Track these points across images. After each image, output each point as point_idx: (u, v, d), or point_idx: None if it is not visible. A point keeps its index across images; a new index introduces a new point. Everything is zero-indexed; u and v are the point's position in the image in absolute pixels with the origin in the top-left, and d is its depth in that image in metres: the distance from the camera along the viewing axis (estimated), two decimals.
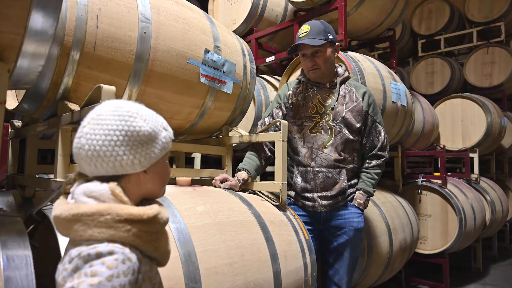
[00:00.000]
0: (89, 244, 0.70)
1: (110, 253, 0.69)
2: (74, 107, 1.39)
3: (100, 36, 1.47)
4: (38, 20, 0.94)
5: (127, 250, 0.71)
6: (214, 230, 1.37)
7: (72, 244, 0.73)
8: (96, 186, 0.74)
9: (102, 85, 1.19)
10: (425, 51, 6.52)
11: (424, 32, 6.58)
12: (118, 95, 1.60)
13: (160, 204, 0.84)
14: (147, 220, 0.75)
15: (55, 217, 0.73)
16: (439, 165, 3.95)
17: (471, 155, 4.60)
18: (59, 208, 0.73)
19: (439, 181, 3.78)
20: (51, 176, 1.74)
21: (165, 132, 0.81)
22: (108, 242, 0.70)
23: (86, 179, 0.78)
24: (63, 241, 1.07)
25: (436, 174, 3.90)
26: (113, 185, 0.75)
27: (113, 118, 0.74)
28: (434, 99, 5.26)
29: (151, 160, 0.78)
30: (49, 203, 1.27)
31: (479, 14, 6.07)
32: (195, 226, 1.34)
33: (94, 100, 1.24)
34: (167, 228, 0.91)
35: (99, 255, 0.68)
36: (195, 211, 1.40)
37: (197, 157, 3.74)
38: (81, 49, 1.42)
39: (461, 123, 4.91)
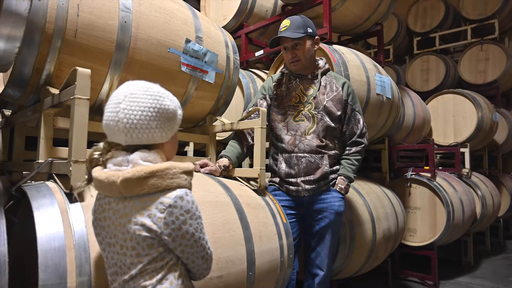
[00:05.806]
0: (166, 193, 0.91)
1: (187, 193, 0.94)
2: (55, 91, 1.45)
3: (81, 24, 1.53)
4: (11, 2, 1.00)
5: (188, 191, 0.96)
6: None
7: (140, 200, 0.91)
8: (148, 153, 0.95)
9: (77, 68, 1.26)
10: (420, 49, 6.57)
11: (419, 30, 6.63)
12: (100, 82, 1.67)
13: None
14: (191, 171, 0.98)
15: (124, 179, 0.89)
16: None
17: (462, 149, 4.64)
18: (126, 172, 0.90)
19: (428, 175, 3.82)
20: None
21: (180, 111, 1.03)
22: (179, 188, 0.93)
23: (122, 147, 0.96)
24: (39, 217, 1.13)
25: (426, 168, 3.95)
26: (159, 151, 0.98)
27: (146, 97, 0.93)
28: (429, 96, 5.30)
29: (172, 132, 1.01)
30: (29, 181, 1.34)
31: (473, 11, 6.12)
32: None
33: (70, 82, 1.30)
34: None
35: (182, 198, 0.92)
36: None
37: (190, 151, 3.80)
38: (63, 36, 1.49)
39: (452, 119, 4.95)
